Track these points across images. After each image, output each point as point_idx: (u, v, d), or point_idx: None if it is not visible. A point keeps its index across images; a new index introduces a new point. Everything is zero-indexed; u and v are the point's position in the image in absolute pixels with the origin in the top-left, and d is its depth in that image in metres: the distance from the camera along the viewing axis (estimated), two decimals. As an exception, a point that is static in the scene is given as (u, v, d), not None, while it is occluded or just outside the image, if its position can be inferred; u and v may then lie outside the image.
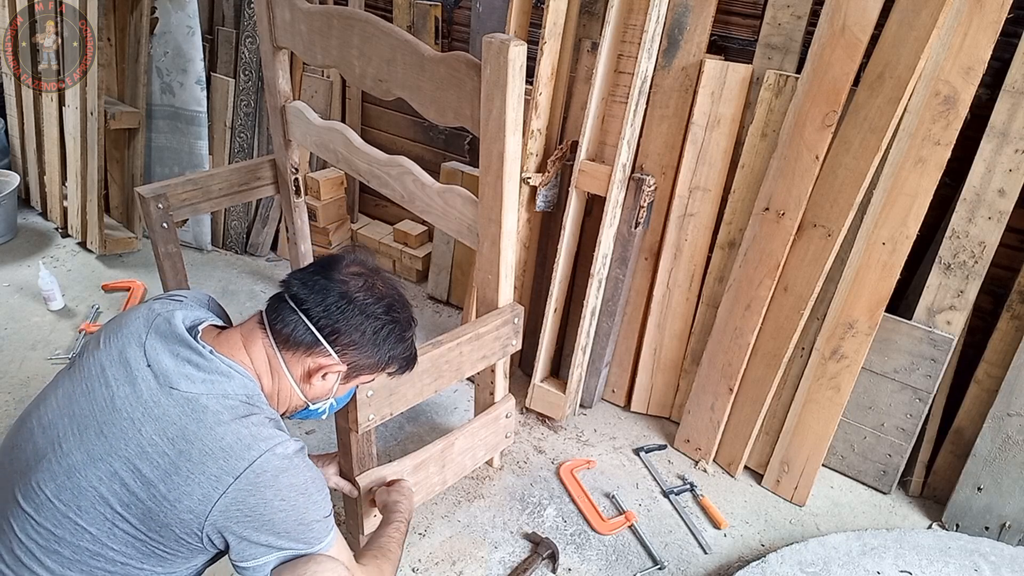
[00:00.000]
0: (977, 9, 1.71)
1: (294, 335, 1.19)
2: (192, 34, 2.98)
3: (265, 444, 1.09)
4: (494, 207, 1.69)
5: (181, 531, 1.06)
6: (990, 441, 1.99)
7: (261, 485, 1.07)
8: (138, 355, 1.13)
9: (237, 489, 1.06)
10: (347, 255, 1.30)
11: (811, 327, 2.10)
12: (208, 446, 1.05)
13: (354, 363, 1.25)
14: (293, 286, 1.22)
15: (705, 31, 2.04)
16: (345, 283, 1.22)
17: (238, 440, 1.07)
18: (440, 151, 3.09)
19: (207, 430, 1.06)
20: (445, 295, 3.08)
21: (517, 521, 2.06)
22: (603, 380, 2.51)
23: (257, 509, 1.07)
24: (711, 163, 2.14)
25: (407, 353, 1.33)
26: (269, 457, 1.08)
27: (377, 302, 1.23)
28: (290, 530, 1.11)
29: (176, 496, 1.04)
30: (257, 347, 1.20)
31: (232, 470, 1.05)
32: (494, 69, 1.50)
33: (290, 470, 1.11)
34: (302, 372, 1.23)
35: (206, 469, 1.05)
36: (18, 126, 3.42)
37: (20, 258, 3.16)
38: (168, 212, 2.17)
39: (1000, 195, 1.84)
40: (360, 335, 1.22)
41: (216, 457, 1.05)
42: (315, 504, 1.14)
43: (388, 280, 1.30)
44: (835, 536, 1.97)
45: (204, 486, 1.04)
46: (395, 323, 1.26)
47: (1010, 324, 1.97)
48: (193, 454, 1.05)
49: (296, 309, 1.20)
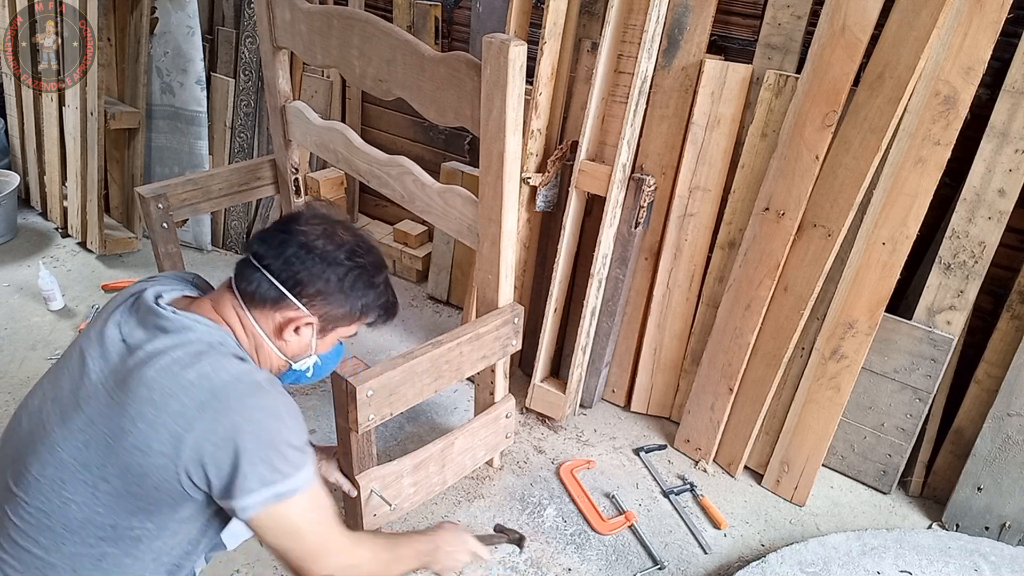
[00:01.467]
0: (977, 9, 1.71)
1: (259, 292, 1.19)
2: (192, 34, 2.98)
3: (227, 373, 1.08)
4: (494, 207, 1.69)
5: (158, 478, 1.05)
6: (990, 441, 1.99)
7: (227, 410, 1.06)
8: (113, 333, 1.14)
9: (204, 421, 1.04)
10: (307, 209, 1.29)
11: (811, 327, 2.10)
12: (168, 387, 1.05)
13: (326, 314, 1.23)
14: (254, 244, 1.22)
15: (705, 31, 2.04)
16: (304, 233, 1.20)
17: (199, 375, 1.07)
18: (440, 151, 3.09)
19: (168, 374, 1.06)
20: (445, 295, 3.08)
21: (517, 521, 2.06)
22: (603, 380, 2.51)
23: (228, 438, 1.05)
24: (711, 163, 2.14)
25: (381, 300, 1.29)
26: (232, 383, 1.08)
27: (337, 248, 1.21)
28: (264, 455, 1.07)
29: (146, 442, 1.04)
30: (227, 309, 1.20)
31: (196, 403, 1.05)
32: (494, 69, 1.50)
33: (257, 394, 1.09)
34: (273, 328, 1.22)
35: (169, 409, 1.04)
36: (18, 126, 3.42)
37: (20, 258, 3.16)
38: (168, 212, 2.17)
39: (1000, 195, 1.84)
40: (324, 283, 1.20)
41: (177, 395, 1.05)
42: (287, 428, 1.11)
43: (351, 228, 1.28)
44: (835, 536, 1.97)
45: (170, 426, 1.04)
46: (359, 268, 1.23)
47: (1010, 324, 1.97)
48: (155, 398, 1.05)
49: (258, 266, 1.19)
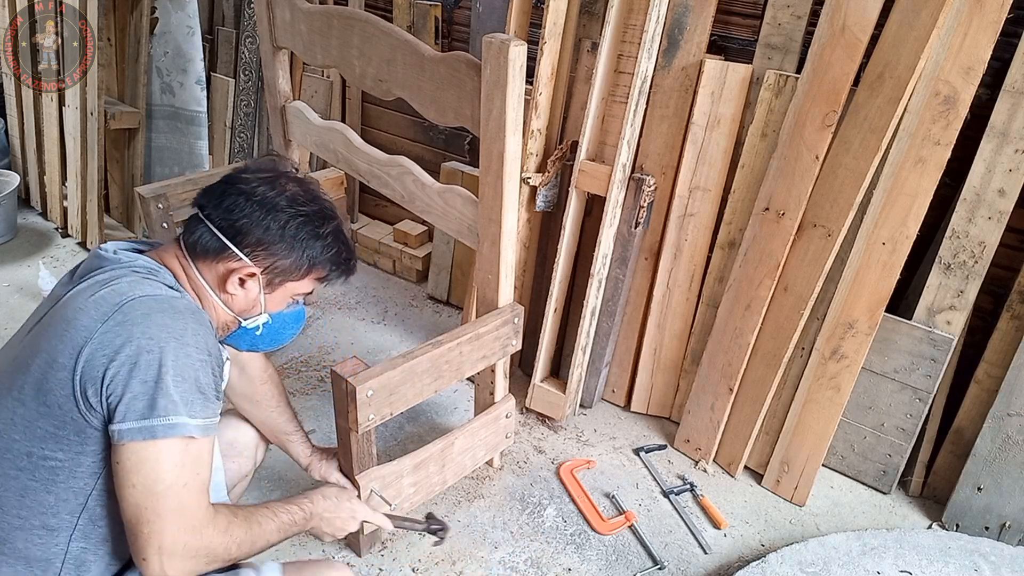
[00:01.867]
0: (977, 9, 1.71)
1: (200, 242, 1.16)
2: (192, 34, 2.98)
3: (143, 290, 1.05)
4: (494, 207, 1.69)
5: (61, 395, 1.02)
6: (990, 441, 1.99)
7: (127, 322, 1.02)
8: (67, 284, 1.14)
9: (103, 331, 1.01)
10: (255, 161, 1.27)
11: (811, 327, 2.10)
12: (82, 304, 1.04)
13: (271, 266, 1.19)
14: (199, 197, 1.21)
15: (705, 31, 2.04)
16: (247, 181, 1.19)
17: (112, 291, 1.05)
18: (440, 151, 3.09)
19: (85, 293, 1.05)
20: (445, 295, 3.08)
21: (517, 521, 2.06)
22: (603, 380, 2.51)
23: (121, 351, 1.00)
24: (711, 163, 2.14)
25: (331, 252, 1.24)
26: (145, 299, 1.05)
27: (279, 195, 1.18)
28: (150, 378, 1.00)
29: (52, 357, 1.02)
30: (170, 257, 1.19)
31: (101, 316, 1.02)
32: (494, 69, 1.50)
33: (168, 312, 1.05)
34: (216, 279, 1.19)
35: (77, 323, 1.02)
36: (18, 126, 3.42)
37: (20, 258, 3.16)
38: (168, 212, 2.17)
39: (1000, 195, 1.84)
40: (264, 231, 1.16)
41: (87, 310, 1.03)
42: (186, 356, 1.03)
43: (299, 179, 1.25)
44: (835, 536, 1.97)
45: (75, 338, 1.02)
46: (302, 216, 1.19)
47: (1010, 324, 1.97)
48: (67, 314, 1.04)
49: (200, 216, 1.18)
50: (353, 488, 1.67)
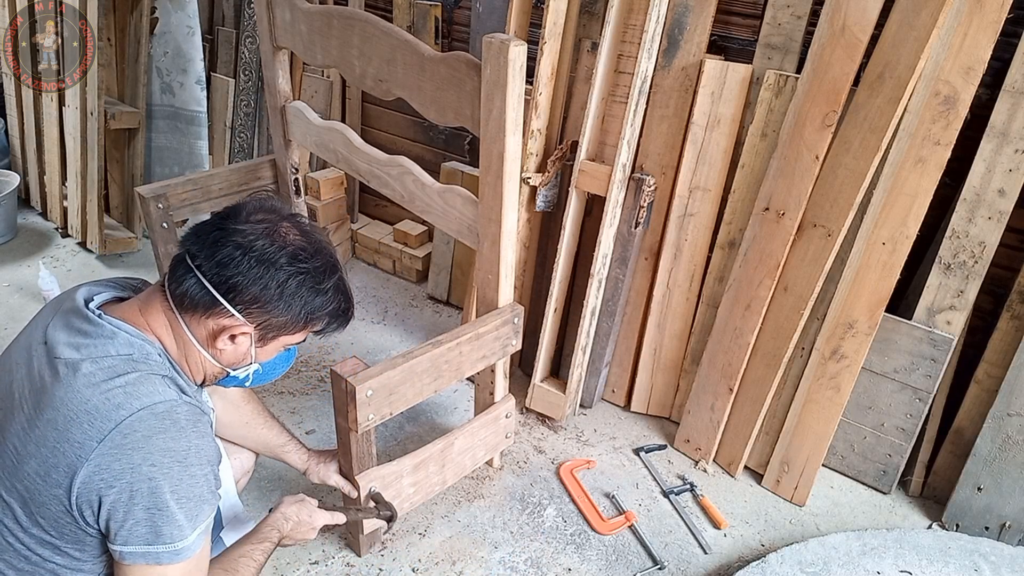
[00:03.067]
0: (977, 9, 1.71)
1: (189, 295, 1.06)
2: (192, 34, 2.98)
3: (139, 402, 0.97)
4: (494, 207, 1.69)
5: (57, 510, 0.97)
6: (990, 441, 1.99)
7: (128, 447, 0.95)
8: (39, 335, 1.06)
9: (100, 454, 0.94)
10: (252, 201, 1.15)
11: (811, 327, 2.10)
12: (72, 411, 0.95)
13: (265, 323, 1.11)
14: (188, 240, 1.09)
15: (705, 31, 2.04)
16: (243, 232, 1.07)
17: (106, 400, 0.96)
18: (440, 151, 3.09)
19: (74, 393, 0.96)
20: (445, 295, 3.08)
21: (517, 521, 2.06)
22: (603, 380, 2.51)
23: (122, 478, 0.95)
24: (711, 163, 2.14)
25: (331, 306, 1.16)
26: (143, 415, 0.97)
27: (279, 251, 1.08)
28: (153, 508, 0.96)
29: (45, 470, 0.95)
30: (155, 311, 1.09)
31: (96, 433, 0.95)
32: (494, 69, 1.50)
33: (169, 431, 0.98)
34: (206, 335, 1.10)
35: (70, 436, 0.95)
36: (18, 126, 3.42)
37: (20, 258, 3.16)
38: (168, 212, 2.17)
39: (1000, 195, 1.84)
40: (261, 290, 1.07)
41: (80, 422, 0.95)
42: (190, 477, 1.00)
43: (300, 224, 1.15)
44: (835, 536, 1.97)
45: (68, 455, 0.95)
46: (303, 274, 1.10)
47: (1010, 324, 1.97)
48: (58, 421, 0.95)
49: (191, 265, 1.07)
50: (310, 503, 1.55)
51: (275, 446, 1.65)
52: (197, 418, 1.04)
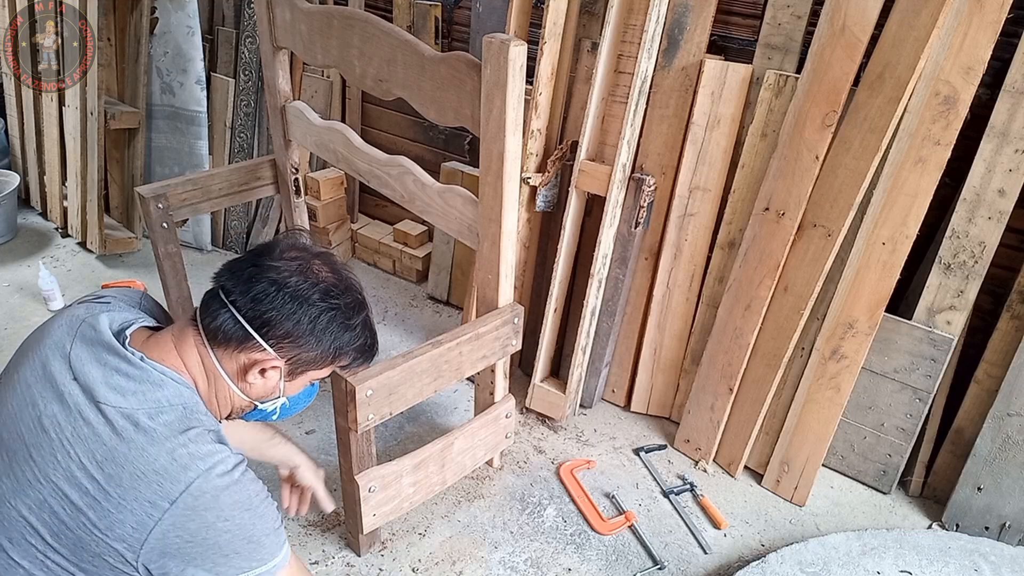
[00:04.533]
0: (977, 9, 1.71)
1: (223, 329, 1.09)
2: (192, 34, 2.98)
3: (204, 463, 1.00)
4: (494, 207, 1.69)
5: (115, 562, 0.98)
6: (990, 441, 1.99)
7: (200, 508, 0.99)
8: (63, 368, 1.04)
9: (174, 515, 0.97)
10: (284, 239, 1.19)
11: (811, 327, 2.10)
12: (140, 468, 0.97)
13: (295, 357, 1.14)
14: (223, 276, 1.13)
15: (705, 31, 2.04)
16: (276, 269, 1.11)
17: (173, 461, 0.98)
18: (440, 151, 3.09)
19: (138, 451, 0.98)
20: (445, 295, 3.08)
21: (517, 521, 2.06)
22: (603, 380, 2.51)
23: (199, 534, 0.99)
24: (711, 163, 2.14)
25: (358, 342, 1.21)
26: (208, 475, 1.00)
27: (312, 287, 1.12)
28: (240, 550, 1.03)
29: (107, 524, 0.96)
30: (189, 346, 1.11)
31: (167, 494, 0.97)
32: (494, 69, 1.50)
33: (231, 487, 1.03)
34: (237, 369, 1.13)
35: (139, 495, 0.96)
36: (18, 126, 3.42)
37: (20, 258, 3.16)
38: (168, 212, 2.17)
39: (1000, 195, 1.84)
40: (294, 325, 1.10)
41: (149, 481, 0.97)
42: (262, 518, 1.06)
43: (331, 262, 1.19)
44: (835, 536, 1.97)
45: (137, 513, 0.96)
46: (334, 310, 1.14)
47: (1010, 324, 1.97)
48: (124, 478, 0.96)
49: (224, 300, 1.10)
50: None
51: (261, 440, 1.57)
52: (244, 464, 1.08)
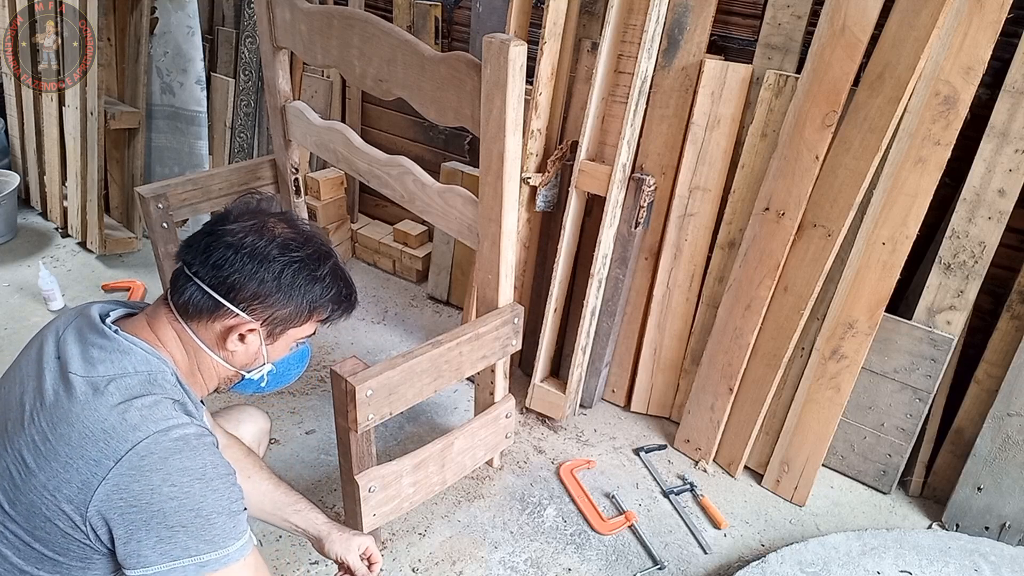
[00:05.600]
0: (977, 9, 1.71)
1: (192, 302, 1.09)
2: (192, 34, 2.98)
3: (156, 425, 0.99)
4: (494, 207, 1.69)
5: (64, 526, 0.97)
6: (990, 441, 1.99)
7: (146, 468, 0.96)
8: (51, 349, 1.07)
9: (119, 474, 0.95)
10: (236, 205, 1.18)
11: (811, 327, 2.10)
12: (88, 428, 0.97)
13: (270, 317, 1.13)
14: (183, 252, 1.13)
15: (705, 31, 2.04)
16: (231, 231, 1.10)
17: (123, 421, 0.98)
18: (440, 151, 3.09)
19: (90, 411, 0.98)
20: (445, 295, 3.08)
21: (517, 521, 2.06)
22: (603, 380, 2.51)
23: (143, 497, 0.96)
24: (711, 163, 2.14)
25: (330, 292, 1.18)
26: (158, 438, 0.98)
27: (269, 243, 1.10)
28: (186, 523, 0.97)
29: (55, 485, 0.95)
30: (163, 324, 1.12)
31: (113, 453, 0.95)
32: (494, 69, 1.50)
33: (184, 451, 0.99)
34: (214, 339, 1.12)
35: (85, 453, 0.95)
36: (18, 126, 3.42)
37: (20, 258, 3.16)
38: (168, 212, 2.17)
39: (1000, 195, 1.84)
40: (259, 284, 1.09)
41: (96, 439, 0.96)
42: (216, 493, 1.01)
43: (288, 219, 1.17)
44: (835, 536, 1.97)
45: (83, 472, 0.95)
46: (297, 263, 1.12)
47: (1010, 324, 1.97)
48: (72, 437, 0.96)
49: (188, 273, 1.10)
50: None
51: (285, 505, 1.45)
52: (207, 438, 1.06)
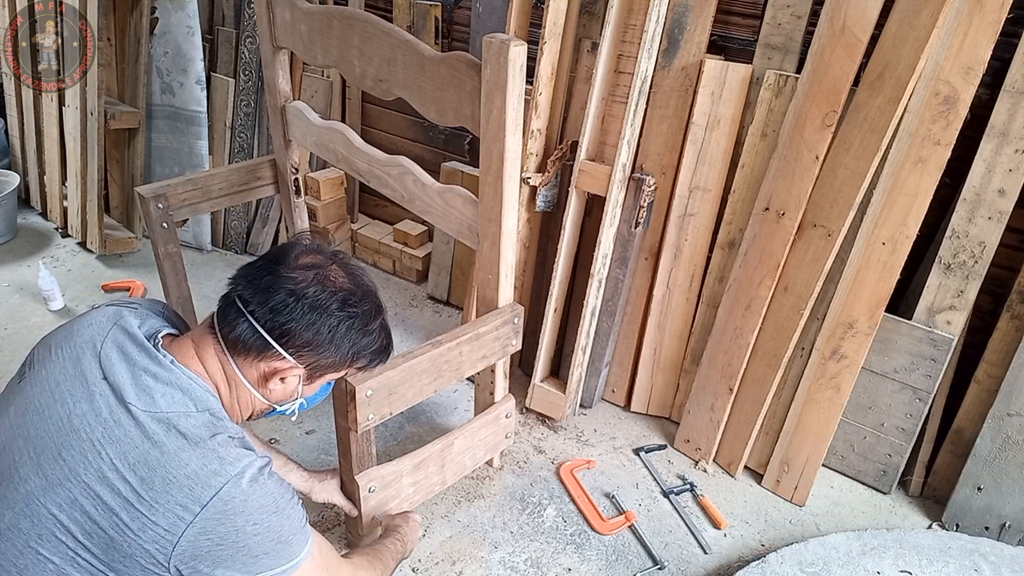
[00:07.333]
0: (977, 9, 1.71)
1: (243, 339, 1.11)
2: (192, 34, 2.98)
3: (233, 468, 1.03)
4: (494, 207, 1.69)
5: (146, 563, 1.00)
6: (990, 441, 1.99)
7: (230, 512, 1.02)
8: (93, 367, 1.06)
9: (204, 519, 1.00)
10: (298, 243, 1.20)
11: (811, 327, 2.10)
12: (172, 473, 1.00)
13: (314, 363, 1.17)
14: (239, 285, 1.14)
15: (705, 31, 2.04)
16: (293, 279, 1.12)
17: (203, 466, 1.01)
18: (440, 151, 3.09)
19: (170, 456, 1.01)
20: (445, 295, 3.08)
21: (517, 521, 2.06)
22: (603, 380, 2.51)
23: (228, 538, 1.02)
24: (711, 163, 2.14)
25: (375, 345, 1.23)
26: (237, 481, 1.03)
27: (331, 297, 1.13)
28: (268, 551, 1.06)
29: (140, 526, 0.98)
30: (209, 354, 1.14)
31: (198, 499, 1.00)
32: (494, 69, 1.50)
33: (259, 491, 1.06)
34: (257, 377, 1.15)
35: (170, 498, 0.99)
36: (18, 126, 3.42)
37: (20, 258, 3.16)
38: (168, 212, 2.17)
39: (1000, 195, 1.84)
40: (314, 335, 1.13)
41: (181, 485, 1.00)
42: (289, 519, 1.09)
43: (347, 266, 1.21)
44: (835, 536, 1.97)
45: (169, 516, 0.99)
46: (353, 318, 1.16)
47: (1010, 324, 1.97)
48: (156, 482, 0.99)
49: (243, 311, 1.11)
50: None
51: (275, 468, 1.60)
52: (269, 466, 1.10)
